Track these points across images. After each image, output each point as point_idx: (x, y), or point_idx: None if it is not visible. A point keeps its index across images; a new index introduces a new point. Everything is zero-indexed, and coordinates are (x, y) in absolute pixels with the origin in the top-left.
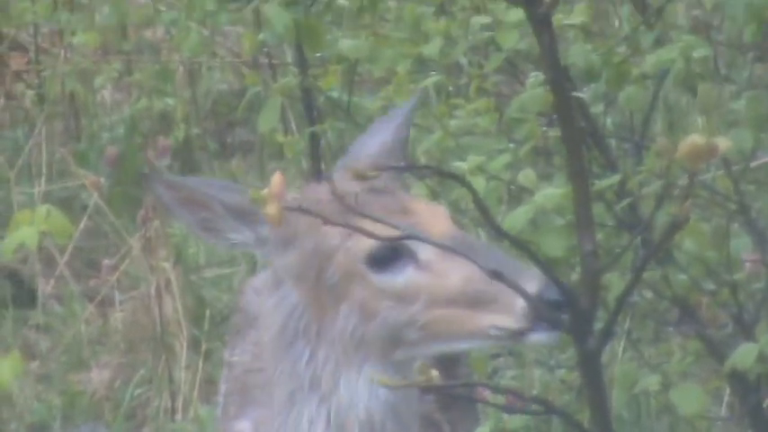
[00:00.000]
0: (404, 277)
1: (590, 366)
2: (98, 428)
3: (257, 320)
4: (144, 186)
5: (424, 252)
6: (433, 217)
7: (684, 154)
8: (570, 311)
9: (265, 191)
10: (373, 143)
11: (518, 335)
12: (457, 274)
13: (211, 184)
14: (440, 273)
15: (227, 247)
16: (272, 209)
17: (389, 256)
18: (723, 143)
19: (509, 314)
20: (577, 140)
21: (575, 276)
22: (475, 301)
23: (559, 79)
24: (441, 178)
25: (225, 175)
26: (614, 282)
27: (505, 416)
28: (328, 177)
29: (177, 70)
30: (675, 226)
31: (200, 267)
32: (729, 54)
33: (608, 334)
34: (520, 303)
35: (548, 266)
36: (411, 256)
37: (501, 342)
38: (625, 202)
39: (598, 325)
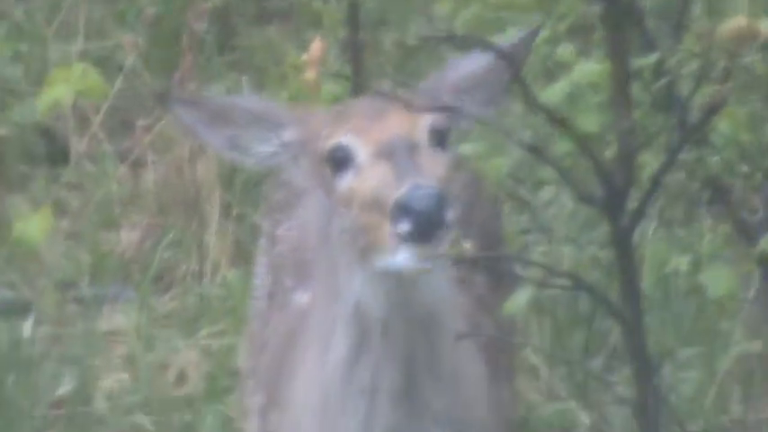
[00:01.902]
0: (345, 181)
1: (622, 244)
2: (125, 288)
3: (302, 197)
4: (164, 107)
5: (361, 156)
6: (385, 122)
7: (726, 36)
8: (604, 188)
9: (304, 56)
10: (466, 66)
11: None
12: (373, 179)
13: (232, 97)
14: (365, 177)
15: (258, 166)
16: (310, 74)
17: (341, 158)
18: (766, 27)
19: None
20: (619, 17)
21: (609, 153)
22: (381, 207)
23: None
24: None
25: (261, 41)
26: (649, 161)
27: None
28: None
29: None
30: (713, 107)
31: None
32: None
33: (641, 213)
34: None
35: (582, 142)
36: (353, 160)
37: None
38: (662, 82)
39: (632, 205)
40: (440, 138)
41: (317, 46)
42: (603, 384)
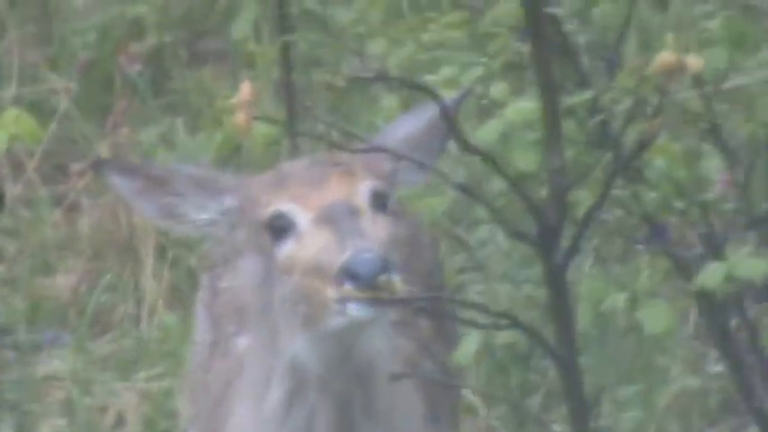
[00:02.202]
0: (285, 248)
1: (556, 282)
2: (62, 334)
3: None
4: (98, 175)
5: (301, 223)
6: (324, 187)
7: (656, 70)
8: (537, 226)
9: (234, 100)
10: (403, 129)
11: (341, 308)
12: (315, 245)
13: (170, 165)
14: (306, 244)
15: (193, 234)
16: (240, 117)
17: (281, 225)
18: (694, 61)
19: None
20: (546, 55)
21: (544, 192)
22: (323, 272)
23: None
24: (412, 92)
25: (196, 83)
26: (584, 198)
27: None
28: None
29: None
30: (644, 142)
31: None
32: None
33: (574, 249)
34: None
35: (515, 183)
36: (293, 227)
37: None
38: (597, 119)
39: (566, 243)
40: (380, 201)
41: (245, 89)
42: (541, 424)
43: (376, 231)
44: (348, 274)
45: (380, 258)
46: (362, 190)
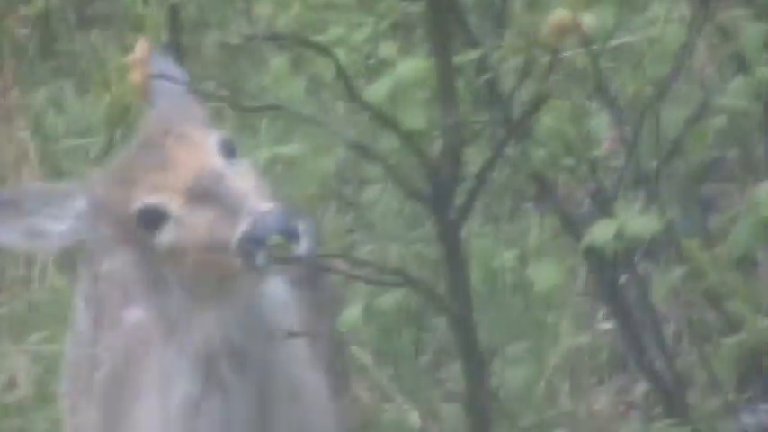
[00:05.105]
0: (166, 237)
1: (449, 240)
2: None
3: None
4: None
5: (174, 209)
6: (179, 165)
7: (551, 30)
8: (431, 183)
9: (129, 57)
10: None
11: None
12: (202, 225)
13: (14, 187)
14: (190, 226)
15: (58, 247)
16: (136, 76)
17: (153, 217)
18: (587, 19)
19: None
20: (441, 11)
21: (435, 150)
22: (223, 247)
23: None
24: (300, 52)
25: (85, 46)
26: (473, 158)
27: (376, 296)
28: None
29: None
30: (537, 102)
31: (58, 137)
32: None
33: (467, 209)
34: (235, 240)
35: (408, 139)
36: (167, 216)
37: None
38: (485, 77)
39: (458, 201)
40: (227, 148)
41: (142, 47)
42: (434, 382)
43: (245, 183)
44: (253, 241)
45: (281, 215)
46: (210, 150)
